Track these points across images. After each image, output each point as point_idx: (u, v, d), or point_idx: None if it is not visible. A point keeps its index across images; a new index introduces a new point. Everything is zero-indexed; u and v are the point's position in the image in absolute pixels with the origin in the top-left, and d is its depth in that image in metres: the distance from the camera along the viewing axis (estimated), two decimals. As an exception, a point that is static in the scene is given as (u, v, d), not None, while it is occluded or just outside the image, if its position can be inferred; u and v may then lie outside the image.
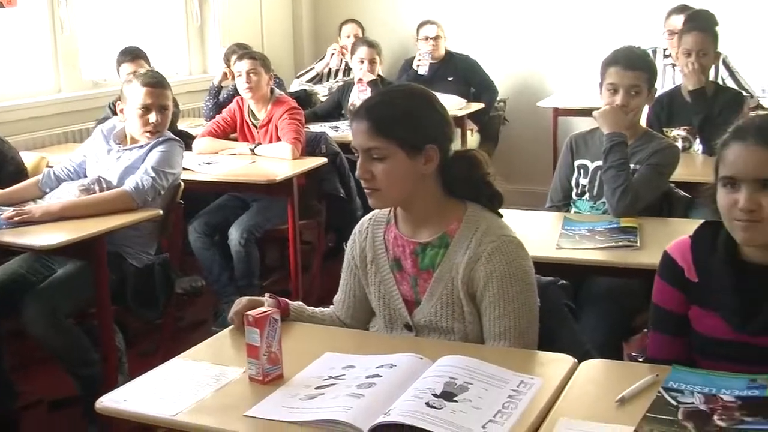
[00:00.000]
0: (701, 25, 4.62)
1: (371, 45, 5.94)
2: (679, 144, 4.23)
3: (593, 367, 2.11)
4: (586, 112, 4.03)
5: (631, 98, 3.39)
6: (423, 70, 6.59)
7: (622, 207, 3.29)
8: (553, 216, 3.42)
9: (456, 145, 6.21)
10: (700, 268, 2.11)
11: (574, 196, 3.57)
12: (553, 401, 1.90)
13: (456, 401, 1.84)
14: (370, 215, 2.51)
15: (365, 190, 2.34)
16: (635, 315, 3.18)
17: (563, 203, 3.60)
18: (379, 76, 5.94)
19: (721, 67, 5.49)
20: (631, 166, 3.37)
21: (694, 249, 2.14)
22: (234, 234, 4.70)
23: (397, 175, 2.27)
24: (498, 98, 6.84)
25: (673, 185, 3.51)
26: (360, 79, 5.75)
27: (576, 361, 2.09)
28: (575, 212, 3.53)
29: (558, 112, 6.31)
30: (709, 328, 2.10)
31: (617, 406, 1.86)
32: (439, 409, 1.80)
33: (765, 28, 6.31)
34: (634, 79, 3.39)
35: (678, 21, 5.37)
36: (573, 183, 3.57)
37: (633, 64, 3.41)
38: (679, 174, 3.50)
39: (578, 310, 3.17)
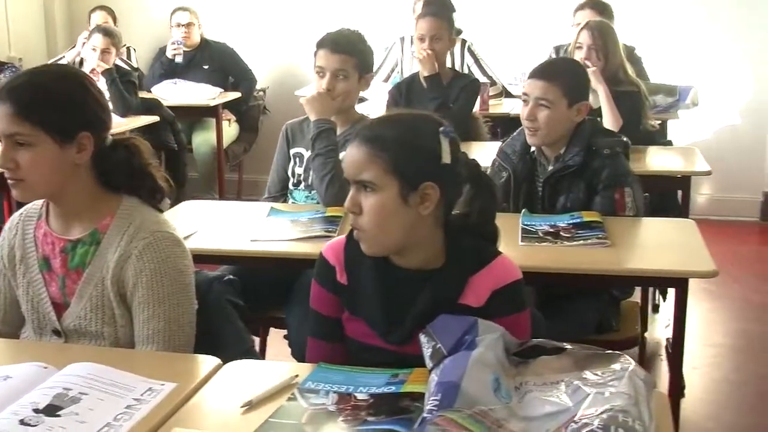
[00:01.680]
0: (434, 10, 4.60)
1: (107, 34, 5.64)
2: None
3: (238, 368, 1.95)
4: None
5: (337, 82, 3.28)
6: (179, 58, 6.41)
7: (330, 195, 3.16)
8: (260, 207, 3.25)
9: (212, 137, 6.16)
10: (350, 271, 1.99)
11: (291, 186, 3.43)
12: (177, 409, 1.73)
13: (59, 416, 1.64)
14: (22, 209, 2.29)
15: (8, 181, 2.12)
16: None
17: (281, 194, 3.45)
18: (115, 65, 5.63)
19: (467, 54, 5.51)
20: (342, 154, 3.26)
21: (347, 250, 2.01)
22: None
23: (45, 165, 2.05)
24: (258, 87, 6.70)
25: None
26: (93, 69, 5.42)
27: (220, 362, 1.94)
28: (292, 203, 3.39)
29: (317, 101, 6.17)
30: (359, 333, 1.99)
31: (243, 412, 1.72)
32: (34, 426, 1.60)
33: (513, 17, 6.40)
34: (340, 62, 3.28)
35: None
36: (289, 173, 3.43)
37: (339, 48, 3.29)
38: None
39: (288, 306, 3.06)
